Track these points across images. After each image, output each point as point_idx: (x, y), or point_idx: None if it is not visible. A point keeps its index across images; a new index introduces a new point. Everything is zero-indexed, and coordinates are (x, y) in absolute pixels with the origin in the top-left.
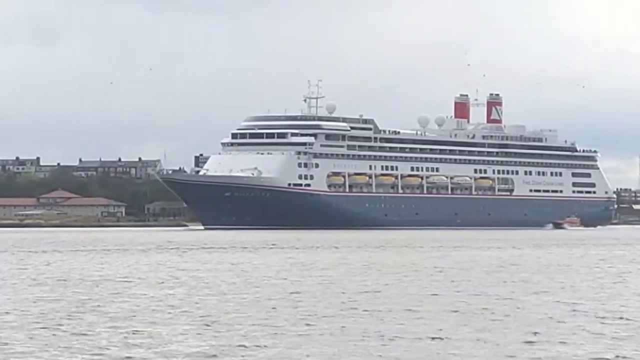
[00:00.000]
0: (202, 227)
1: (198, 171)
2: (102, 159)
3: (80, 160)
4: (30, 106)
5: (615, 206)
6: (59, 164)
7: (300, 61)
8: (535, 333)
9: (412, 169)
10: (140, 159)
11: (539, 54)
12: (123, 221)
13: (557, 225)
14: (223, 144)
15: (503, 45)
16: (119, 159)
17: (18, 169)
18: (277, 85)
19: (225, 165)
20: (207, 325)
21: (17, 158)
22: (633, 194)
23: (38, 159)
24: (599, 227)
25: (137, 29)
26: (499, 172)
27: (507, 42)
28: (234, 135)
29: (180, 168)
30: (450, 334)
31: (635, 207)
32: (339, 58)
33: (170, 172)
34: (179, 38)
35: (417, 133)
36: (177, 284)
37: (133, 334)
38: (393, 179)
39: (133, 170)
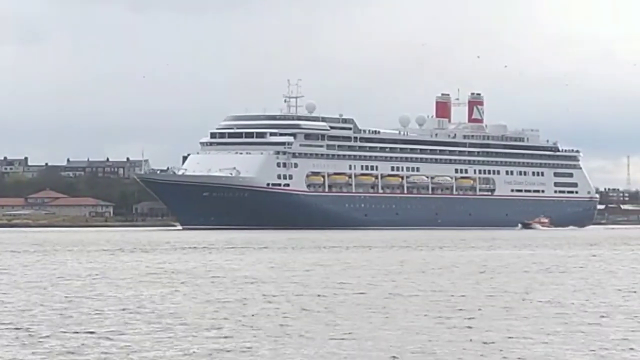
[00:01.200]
0: (180, 227)
1: (177, 171)
2: (90, 159)
3: (68, 160)
4: (18, 106)
5: (603, 206)
6: (46, 164)
7: (281, 61)
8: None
9: (392, 168)
10: (128, 159)
11: (523, 54)
12: (111, 221)
13: (526, 226)
14: (202, 143)
15: (487, 45)
16: (107, 159)
17: (6, 169)
18: (262, 85)
19: (203, 165)
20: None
21: (5, 158)
22: (621, 194)
23: (26, 159)
24: (570, 227)
25: (123, 30)
26: (480, 172)
27: (492, 42)
28: (212, 135)
29: (168, 168)
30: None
31: (624, 207)
32: (320, 58)
33: (158, 171)
34: (164, 39)
35: (400, 133)
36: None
37: None
38: (373, 178)
39: (121, 171)
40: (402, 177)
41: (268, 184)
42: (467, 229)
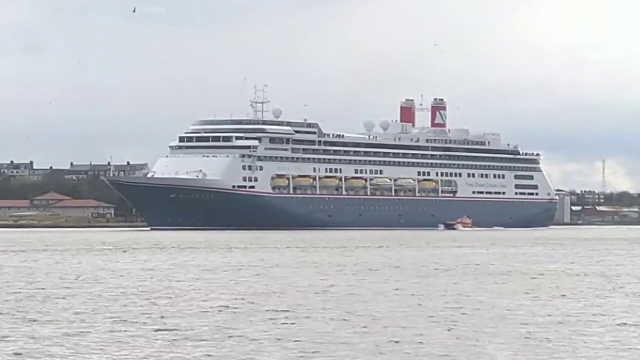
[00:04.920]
0: (149, 228)
1: (146, 174)
2: (93, 163)
3: (71, 164)
4: (23, 113)
5: (580, 208)
6: (51, 167)
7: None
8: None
9: (356, 171)
10: (128, 163)
11: (498, 62)
12: (112, 222)
13: (449, 226)
14: (171, 147)
15: (462, 53)
16: (109, 163)
17: (13, 172)
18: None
19: (172, 168)
20: None
21: (12, 162)
22: (597, 196)
23: (32, 163)
24: (495, 227)
25: (121, 39)
26: (442, 174)
27: (466, 49)
28: (181, 139)
29: None
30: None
31: (599, 208)
32: (288, 65)
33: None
34: (158, 47)
35: (369, 137)
36: None
37: None
38: (337, 181)
39: (122, 174)
40: (366, 180)
41: (234, 186)
42: (427, 229)
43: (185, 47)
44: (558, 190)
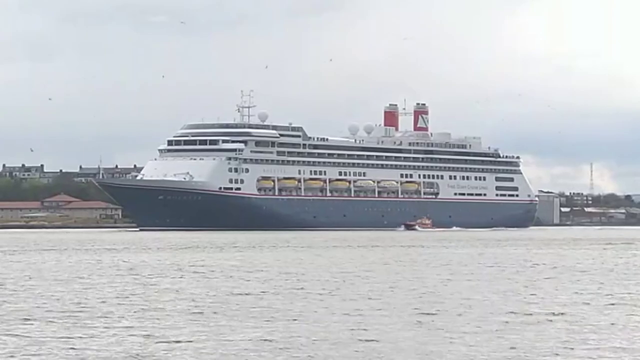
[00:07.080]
0: (137, 229)
1: (136, 176)
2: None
3: (80, 167)
4: (34, 118)
5: (568, 209)
6: (61, 170)
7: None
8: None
9: (340, 173)
10: (135, 165)
11: (483, 69)
12: (120, 223)
13: (409, 227)
14: (160, 150)
15: (448, 59)
16: (116, 166)
17: (24, 175)
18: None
19: (160, 170)
20: None
21: (23, 165)
22: (585, 198)
23: (42, 166)
24: (454, 228)
25: (126, 47)
26: (424, 176)
27: (453, 56)
28: (169, 142)
29: None
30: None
31: (587, 209)
32: (274, 70)
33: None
34: (160, 55)
35: (355, 140)
36: None
37: None
38: (321, 183)
39: (129, 177)
40: (350, 182)
41: (220, 188)
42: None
43: (185, 53)
44: (548, 192)
